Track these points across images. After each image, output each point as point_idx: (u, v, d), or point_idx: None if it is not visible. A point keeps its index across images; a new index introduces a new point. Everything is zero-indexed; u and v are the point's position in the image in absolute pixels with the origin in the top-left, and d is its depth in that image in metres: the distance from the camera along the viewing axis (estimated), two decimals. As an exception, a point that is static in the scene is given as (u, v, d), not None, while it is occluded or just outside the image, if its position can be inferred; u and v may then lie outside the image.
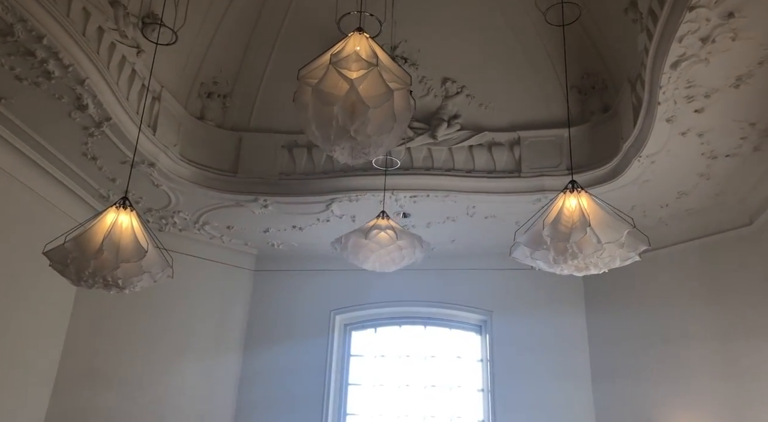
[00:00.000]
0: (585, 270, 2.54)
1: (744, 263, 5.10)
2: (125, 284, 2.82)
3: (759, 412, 4.74)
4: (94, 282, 2.78)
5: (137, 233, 2.81)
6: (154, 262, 2.88)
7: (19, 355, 4.94)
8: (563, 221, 2.44)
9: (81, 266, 2.72)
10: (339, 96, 2.27)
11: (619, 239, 2.44)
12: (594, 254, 2.39)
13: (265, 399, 6.14)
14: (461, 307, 6.43)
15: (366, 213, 5.72)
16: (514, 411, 5.83)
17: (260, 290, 6.64)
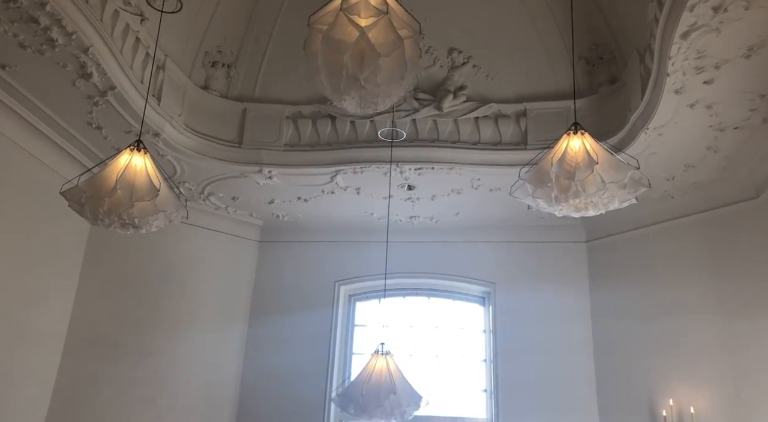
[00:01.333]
0: (584, 210, 2.56)
1: (749, 237, 5.09)
2: (141, 223, 2.87)
3: (759, 387, 4.80)
4: (110, 222, 2.83)
5: (151, 174, 2.85)
6: (168, 202, 2.93)
7: (26, 324, 5.01)
8: (568, 160, 2.47)
9: (96, 204, 2.78)
10: (349, 43, 2.24)
11: (622, 180, 2.47)
12: (596, 194, 2.43)
13: (271, 367, 6.23)
14: (465, 279, 6.47)
15: (371, 185, 5.74)
16: (516, 381, 5.91)
17: (265, 261, 6.69)
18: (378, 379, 3.51)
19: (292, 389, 6.13)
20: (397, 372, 3.60)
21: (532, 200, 2.62)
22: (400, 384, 3.52)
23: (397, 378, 3.54)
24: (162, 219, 2.94)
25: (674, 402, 5.15)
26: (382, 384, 3.47)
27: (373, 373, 3.56)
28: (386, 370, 3.54)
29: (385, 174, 5.45)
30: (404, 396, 3.46)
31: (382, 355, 3.70)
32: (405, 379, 3.58)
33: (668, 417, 5.12)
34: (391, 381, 3.47)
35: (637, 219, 5.85)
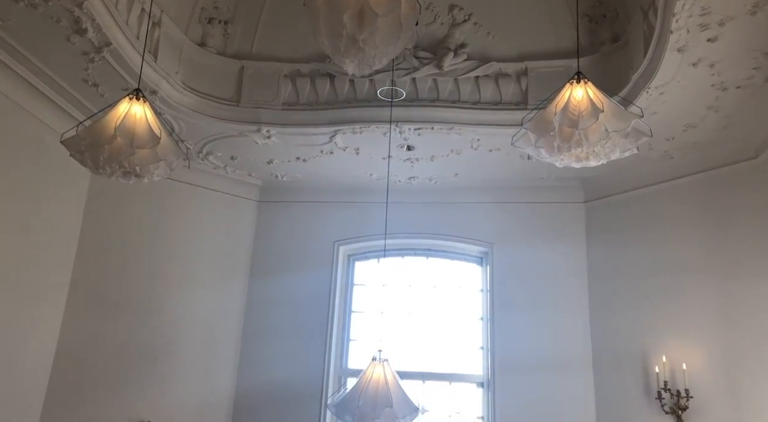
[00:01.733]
0: (585, 161, 2.58)
1: (748, 197, 5.12)
2: (142, 171, 2.88)
3: (751, 346, 4.90)
4: (111, 170, 2.84)
5: (151, 122, 2.85)
6: (169, 150, 2.93)
7: (28, 282, 5.06)
8: (571, 109, 2.47)
9: (96, 152, 2.78)
10: (349, 3, 2.22)
11: (625, 129, 2.47)
12: (599, 143, 2.43)
13: (271, 325, 6.33)
14: (463, 239, 6.51)
15: (370, 145, 5.72)
16: (512, 338, 6.02)
17: (264, 221, 6.72)
18: (375, 390, 3.51)
19: (293, 345, 6.23)
20: (394, 381, 3.59)
21: (533, 149, 2.62)
22: (396, 395, 3.51)
23: (393, 388, 3.53)
24: (163, 168, 2.94)
25: (667, 358, 5.26)
26: (379, 395, 3.47)
27: (369, 383, 3.54)
28: (383, 380, 3.53)
29: (385, 134, 5.42)
30: (400, 408, 3.46)
31: (379, 363, 3.67)
32: (401, 389, 3.59)
33: (660, 374, 5.24)
34: (387, 393, 3.47)
35: (636, 180, 5.86)
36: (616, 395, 5.58)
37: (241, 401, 6.13)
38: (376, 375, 3.61)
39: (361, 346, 6.47)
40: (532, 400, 5.78)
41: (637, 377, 5.47)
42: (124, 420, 5.58)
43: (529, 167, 5.97)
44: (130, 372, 5.68)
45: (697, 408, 5.04)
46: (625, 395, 5.50)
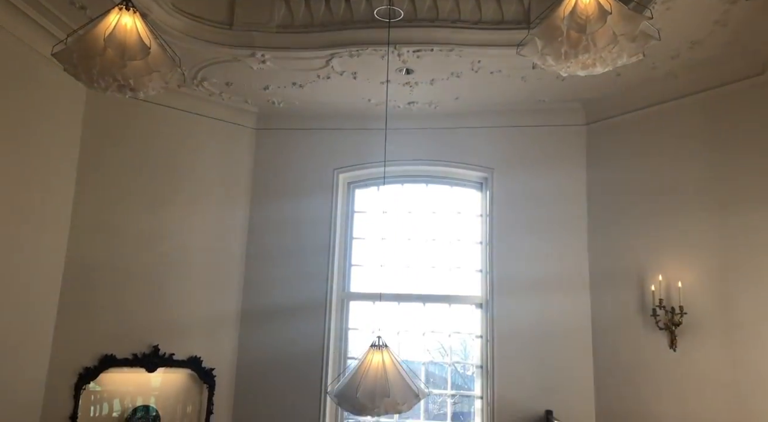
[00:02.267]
0: (591, 67, 2.53)
1: (753, 114, 5.05)
2: (137, 84, 2.83)
3: (744, 264, 4.99)
4: (106, 84, 2.80)
5: (141, 32, 2.78)
6: (161, 61, 2.87)
7: (30, 211, 5.10)
8: (579, 13, 2.40)
9: (88, 64, 2.74)
10: None
11: (633, 31, 2.42)
12: (606, 48, 2.38)
13: (274, 249, 6.43)
14: (463, 165, 6.50)
15: (368, 70, 5.59)
16: (511, 260, 6.12)
17: (263, 149, 6.68)
18: (374, 379, 3.44)
19: (296, 269, 6.36)
20: (393, 368, 3.52)
21: (540, 57, 2.56)
22: (395, 382, 3.44)
23: (392, 376, 3.47)
24: (157, 80, 2.87)
25: (663, 277, 5.37)
26: (377, 385, 3.41)
27: (368, 372, 3.47)
28: (382, 369, 3.46)
29: (383, 57, 5.29)
30: (399, 396, 3.40)
31: (378, 349, 3.57)
32: (401, 375, 3.52)
33: (656, 291, 5.36)
34: (385, 383, 3.40)
35: (638, 100, 5.78)
36: (612, 313, 5.73)
37: (247, 321, 6.31)
38: (375, 362, 3.55)
39: (362, 271, 6.60)
40: (529, 319, 5.95)
41: (633, 295, 5.60)
42: (137, 343, 5.77)
43: (530, 89, 5.87)
44: (139, 296, 5.82)
45: (691, 323, 5.19)
46: (620, 313, 5.65)
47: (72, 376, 5.48)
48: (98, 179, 5.78)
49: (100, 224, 5.72)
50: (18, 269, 4.96)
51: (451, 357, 6.40)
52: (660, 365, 5.33)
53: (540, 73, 5.52)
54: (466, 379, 6.41)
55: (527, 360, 5.89)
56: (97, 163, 5.78)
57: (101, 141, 5.82)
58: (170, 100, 6.12)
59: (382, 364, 3.50)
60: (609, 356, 5.70)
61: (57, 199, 5.46)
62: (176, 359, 5.91)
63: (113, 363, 5.65)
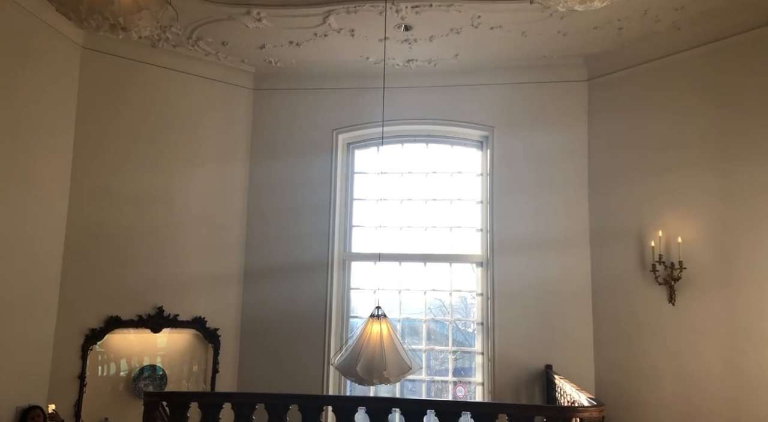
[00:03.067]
0: (589, 2, 2.49)
1: (757, 66, 4.97)
2: (127, 23, 2.80)
3: (744, 219, 4.99)
4: (97, 24, 2.77)
5: None
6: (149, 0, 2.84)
7: (29, 173, 5.09)
8: None
9: (75, 2, 2.71)
10: None
11: None
12: None
13: (274, 208, 6.45)
14: (463, 124, 6.44)
15: (366, 27, 5.49)
16: (511, 219, 6.13)
17: (261, 109, 6.62)
18: (371, 353, 3.60)
19: (297, 228, 6.38)
20: (390, 341, 3.65)
21: None
22: (390, 357, 3.58)
23: (388, 350, 3.60)
24: (148, 18, 2.82)
25: (663, 233, 5.38)
26: (375, 359, 3.57)
27: (367, 345, 3.62)
28: (379, 342, 3.60)
29: (381, 13, 5.19)
30: (392, 370, 3.57)
31: (377, 320, 3.71)
32: (396, 349, 3.65)
33: (656, 247, 5.38)
34: (382, 357, 3.55)
35: (641, 54, 5.69)
36: (612, 269, 5.76)
37: (250, 281, 6.37)
38: (374, 334, 3.68)
39: (364, 232, 6.62)
40: (529, 277, 6.00)
41: (633, 251, 5.62)
42: (141, 304, 5.84)
43: (531, 45, 5.77)
44: (142, 257, 5.86)
45: (690, 278, 5.22)
46: (620, 269, 5.69)
47: (78, 337, 5.57)
48: (96, 142, 5.75)
49: (99, 187, 5.72)
50: (21, 233, 4.99)
51: (452, 314, 6.48)
52: (658, 319, 5.39)
53: (541, 27, 5.42)
54: (467, 336, 6.50)
55: (527, 317, 5.96)
56: (94, 125, 5.74)
57: (98, 103, 5.77)
58: (166, 60, 6.04)
59: (380, 337, 3.64)
60: (608, 311, 5.76)
61: (56, 162, 5.45)
62: (181, 319, 5.99)
63: (119, 325, 5.73)
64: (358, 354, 3.62)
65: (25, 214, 5.04)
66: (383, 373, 3.53)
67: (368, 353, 3.61)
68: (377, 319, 3.74)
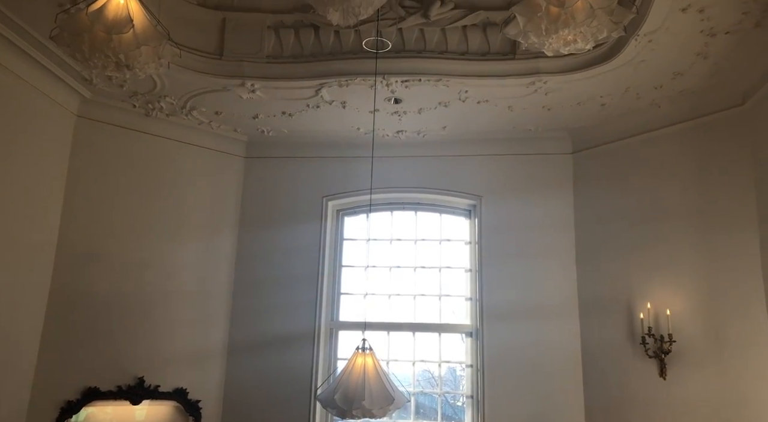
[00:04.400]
0: (573, 43, 2.57)
1: (734, 144, 5.15)
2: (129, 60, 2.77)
3: (729, 290, 5.02)
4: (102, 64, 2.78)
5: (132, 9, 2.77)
6: (148, 35, 2.82)
7: (14, 237, 5.03)
8: None
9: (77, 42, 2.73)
10: None
11: (610, 5, 2.49)
12: (585, 22, 2.44)
13: (262, 277, 6.38)
14: (451, 193, 6.53)
15: (357, 99, 5.65)
16: (500, 288, 6.12)
17: (252, 177, 6.68)
18: (354, 383, 3.53)
19: (284, 298, 6.31)
20: (374, 372, 3.58)
21: (522, 35, 2.61)
22: (374, 387, 3.51)
23: (372, 380, 3.53)
24: (149, 54, 2.84)
25: (651, 304, 5.38)
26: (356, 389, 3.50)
27: (350, 375, 3.55)
28: (362, 372, 3.53)
29: (371, 87, 5.35)
30: (375, 400, 3.47)
31: (361, 353, 3.65)
32: (381, 380, 3.57)
33: (645, 319, 5.37)
34: (363, 387, 3.48)
35: (623, 130, 5.87)
36: (602, 341, 5.72)
37: (235, 350, 6.23)
38: (358, 365, 3.61)
39: (351, 300, 6.56)
40: (519, 348, 5.93)
41: (622, 323, 5.61)
42: (121, 374, 5.66)
43: (517, 118, 5.95)
44: (123, 326, 5.72)
45: (680, 351, 5.19)
46: (610, 341, 5.65)
47: (53, 410, 5.34)
48: (85, 207, 5.72)
49: (86, 252, 5.65)
50: (1, 298, 4.87)
51: (441, 386, 6.34)
52: (650, 394, 5.31)
53: (526, 102, 5.61)
54: (456, 409, 6.34)
55: (518, 389, 5.84)
56: (84, 191, 5.74)
57: (89, 171, 5.78)
58: (159, 129, 6.13)
59: (363, 368, 3.57)
60: (599, 385, 5.67)
61: (43, 227, 5.40)
62: (162, 391, 5.79)
63: (97, 396, 5.52)
64: (338, 384, 3.56)
65: (8, 280, 4.95)
66: (362, 403, 3.43)
67: (349, 382, 3.54)
68: (363, 352, 3.68)
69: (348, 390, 3.49)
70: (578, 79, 5.13)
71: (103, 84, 5.42)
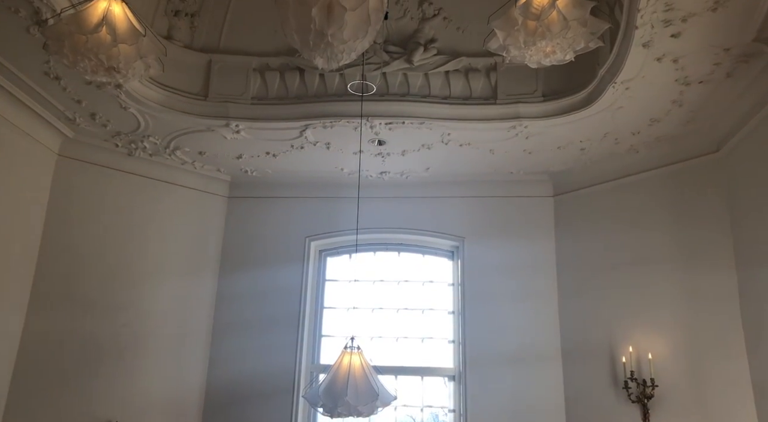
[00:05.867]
0: (552, 55, 2.63)
1: (708, 191, 5.26)
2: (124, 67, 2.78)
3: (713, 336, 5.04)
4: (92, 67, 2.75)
5: (132, 19, 2.77)
6: (150, 48, 2.83)
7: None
8: (534, 5, 2.57)
9: (77, 40, 2.70)
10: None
11: (583, 16, 2.57)
12: (560, 34, 2.52)
13: (242, 320, 6.26)
14: (434, 234, 6.54)
15: (341, 140, 5.70)
16: (483, 330, 6.07)
17: (234, 217, 6.64)
18: (339, 380, 3.59)
19: (264, 341, 6.18)
20: (360, 369, 3.63)
21: (503, 49, 2.68)
22: (359, 384, 3.57)
23: (358, 377, 3.59)
24: (129, 53, 2.81)
25: (633, 348, 5.37)
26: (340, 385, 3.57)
27: (337, 373, 3.61)
28: (349, 370, 3.59)
29: (356, 129, 5.41)
30: (360, 397, 3.53)
31: (349, 352, 3.73)
32: (367, 377, 3.62)
33: (627, 363, 5.35)
34: (346, 383, 3.54)
35: (603, 174, 5.97)
36: (585, 385, 5.67)
37: (212, 397, 6.06)
38: (344, 364, 3.67)
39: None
40: (502, 392, 5.85)
41: (604, 367, 5.58)
42: (92, 419, 5.46)
43: (499, 161, 6.02)
44: (97, 370, 5.56)
45: (662, 396, 5.16)
46: (593, 385, 5.60)
47: (20, 459, 5.13)
48: (63, 248, 5.60)
49: (61, 294, 5.51)
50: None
51: (424, 432, 6.21)
52: (634, 439, 5.24)
53: (508, 146, 5.69)
54: (439, 456, 6.19)
55: (501, 435, 5.74)
56: (62, 231, 5.64)
57: (69, 210, 5.70)
58: (141, 168, 6.09)
59: (349, 366, 3.63)
60: (583, 430, 5.59)
61: (18, 267, 5.29)
62: (135, 437, 5.60)
63: (67, 442, 5.32)
64: (324, 382, 3.61)
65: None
66: (346, 399, 3.47)
67: (335, 380, 3.59)
68: (350, 351, 3.73)
69: (333, 387, 3.53)
70: (558, 124, 5.24)
71: (86, 123, 5.41)
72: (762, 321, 4.61)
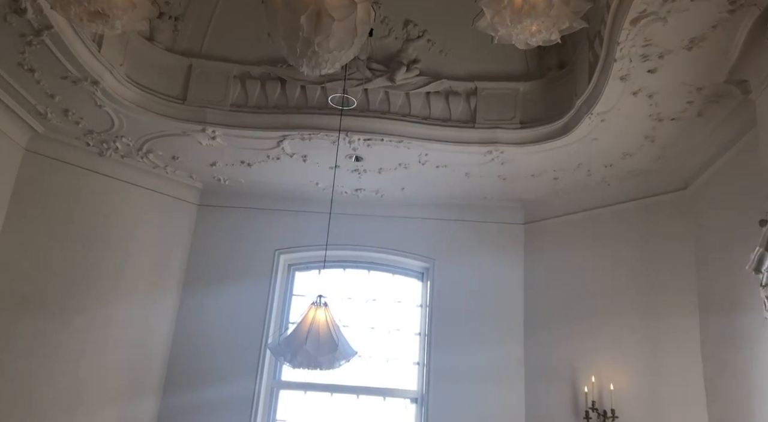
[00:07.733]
0: (537, 35, 2.65)
1: (675, 227, 5.37)
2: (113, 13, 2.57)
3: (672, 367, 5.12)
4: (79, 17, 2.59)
5: None
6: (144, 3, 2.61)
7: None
8: None
9: None
10: (307, 4, 2.26)
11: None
12: (545, 11, 2.55)
13: (203, 337, 6.05)
14: (405, 254, 6.53)
15: (318, 153, 5.67)
16: (448, 352, 6.03)
17: (203, 226, 6.51)
18: (301, 332, 3.69)
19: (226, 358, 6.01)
20: (324, 324, 3.75)
21: (491, 27, 2.70)
22: (321, 336, 3.68)
23: (322, 329, 3.71)
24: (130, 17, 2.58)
25: (596, 379, 5.39)
26: (300, 334, 3.67)
27: (312, 326, 3.65)
28: (325, 324, 3.61)
29: (334, 143, 5.39)
30: (322, 347, 3.66)
31: (319, 307, 3.78)
32: (330, 330, 3.74)
33: (589, 393, 5.36)
34: (306, 333, 3.65)
35: (574, 204, 6.06)
36: (546, 412, 5.67)
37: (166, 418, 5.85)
38: (309, 316, 3.76)
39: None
40: (464, 414, 5.80)
41: (566, 395, 5.58)
42: None
43: (473, 186, 6.07)
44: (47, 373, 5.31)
45: (622, 427, 5.18)
46: (554, 413, 5.60)
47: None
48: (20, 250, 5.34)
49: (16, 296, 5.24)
50: None
51: (383, 454, 6.09)
52: (593, 470, 5.23)
53: (483, 170, 5.74)
54: (397, 480, 6.07)
55: (461, 461, 5.66)
56: (23, 228, 5.40)
57: (31, 207, 5.44)
58: (111, 169, 5.94)
59: (314, 319, 3.72)
60: (543, 458, 5.57)
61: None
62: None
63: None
64: (305, 334, 3.69)
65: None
66: (305, 348, 3.56)
67: (297, 330, 3.70)
68: (317, 307, 3.82)
69: (294, 336, 3.62)
70: (534, 152, 5.32)
71: (57, 119, 5.27)
72: (722, 368, 4.66)
